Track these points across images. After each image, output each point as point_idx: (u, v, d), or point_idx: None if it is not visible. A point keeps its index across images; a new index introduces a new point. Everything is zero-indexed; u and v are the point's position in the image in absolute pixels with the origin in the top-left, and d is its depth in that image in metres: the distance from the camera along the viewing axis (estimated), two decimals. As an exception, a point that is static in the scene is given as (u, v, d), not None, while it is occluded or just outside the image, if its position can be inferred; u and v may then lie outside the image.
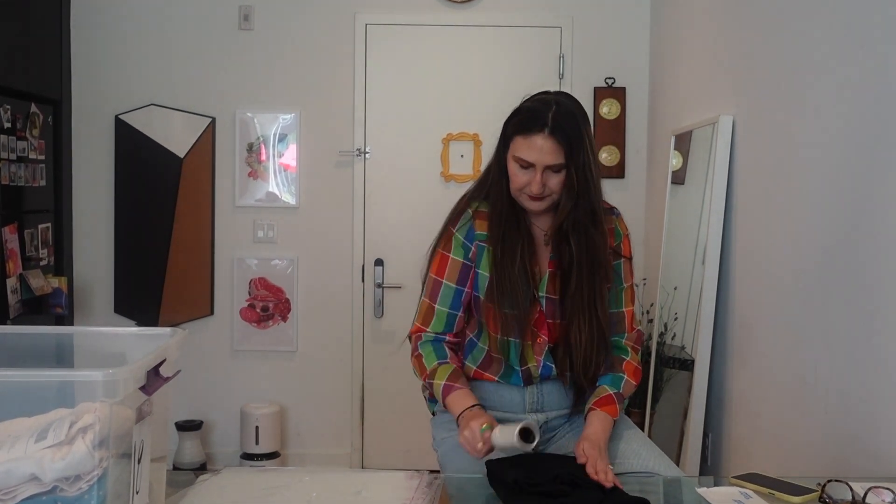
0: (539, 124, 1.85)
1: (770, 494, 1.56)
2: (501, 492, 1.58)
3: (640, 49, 4.39)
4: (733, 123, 3.07)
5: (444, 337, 2.01)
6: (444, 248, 2.00)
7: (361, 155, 4.38)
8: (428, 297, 2.01)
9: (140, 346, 1.35)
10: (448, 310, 1.99)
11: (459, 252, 1.98)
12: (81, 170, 4.36)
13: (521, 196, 1.92)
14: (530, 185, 1.88)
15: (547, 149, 1.85)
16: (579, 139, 1.86)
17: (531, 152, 1.86)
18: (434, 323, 2.00)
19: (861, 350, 2.11)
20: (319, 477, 1.66)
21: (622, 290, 2.02)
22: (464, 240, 1.98)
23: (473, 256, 1.98)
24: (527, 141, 1.87)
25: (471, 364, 2.05)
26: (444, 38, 4.38)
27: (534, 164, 1.87)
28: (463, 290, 1.99)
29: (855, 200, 2.16)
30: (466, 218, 1.99)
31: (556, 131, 1.84)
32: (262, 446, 4.25)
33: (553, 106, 1.88)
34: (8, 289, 3.61)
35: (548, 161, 1.86)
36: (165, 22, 4.35)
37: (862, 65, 2.14)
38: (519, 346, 1.96)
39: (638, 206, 4.38)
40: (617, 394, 1.95)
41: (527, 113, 1.90)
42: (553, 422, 2.04)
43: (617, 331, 2.02)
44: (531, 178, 1.87)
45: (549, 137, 1.84)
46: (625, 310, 2.03)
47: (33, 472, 1.09)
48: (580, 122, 1.89)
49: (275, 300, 4.42)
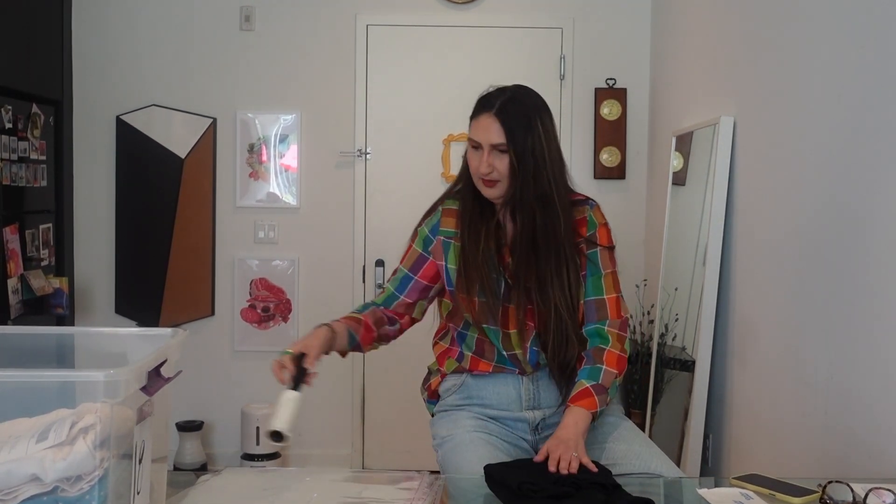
0: (487, 106, 1.97)
1: (771, 495, 1.56)
2: (502, 494, 1.58)
3: (641, 50, 4.39)
4: (734, 124, 3.07)
5: (380, 306, 2.12)
6: (411, 240, 2.16)
7: (362, 156, 4.39)
8: (388, 281, 2.17)
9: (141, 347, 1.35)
10: (393, 290, 2.12)
11: (420, 244, 2.12)
12: (82, 170, 4.36)
13: (479, 183, 2.01)
14: (479, 166, 1.97)
15: (492, 129, 1.95)
16: (525, 123, 1.95)
17: (477, 131, 1.98)
18: (379, 297, 2.15)
19: (862, 351, 2.11)
20: (320, 477, 1.66)
21: (601, 276, 2.05)
22: (428, 233, 2.11)
23: (434, 250, 2.08)
24: (476, 122, 1.99)
25: (467, 352, 2.09)
26: (446, 40, 4.39)
27: (481, 144, 1.96)
28: (413, 278, 2.10)
29: (855, 201, 2.16)
30: (436, 215, 2.11)
31: (501, 112, 1.95)
32: (263, 447, 4.24)
33: (507, 93, 2.00)
34: (9, 289, 3.61)
35: (491, 139, 1.95)
36: (166, 22, 4.36)
37: (862, 65, 2.14)
38: (498, 332, 2.02)
39: (639, 207, 4.38)
40: (595, 385, 1.92)
41: (481, 98, 2.02)
42: (550, 419, 2.03)
43: (598, 317, 2.02)
44: (480, 159, 1.97)
45: (492, 116, 1.95)
46: (606, 297, 2.03)
47: (34, 473, 1.09)
48: (530, 110, 1.98)
49: (275, 301, 4.42)
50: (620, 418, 2.06)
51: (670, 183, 3.74)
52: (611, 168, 4.38)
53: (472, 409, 2.06)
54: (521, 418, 2.04)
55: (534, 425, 2.04)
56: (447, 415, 2.08)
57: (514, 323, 2.01)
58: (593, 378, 1.93)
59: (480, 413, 2.05)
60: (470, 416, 2.04)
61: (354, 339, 2.03)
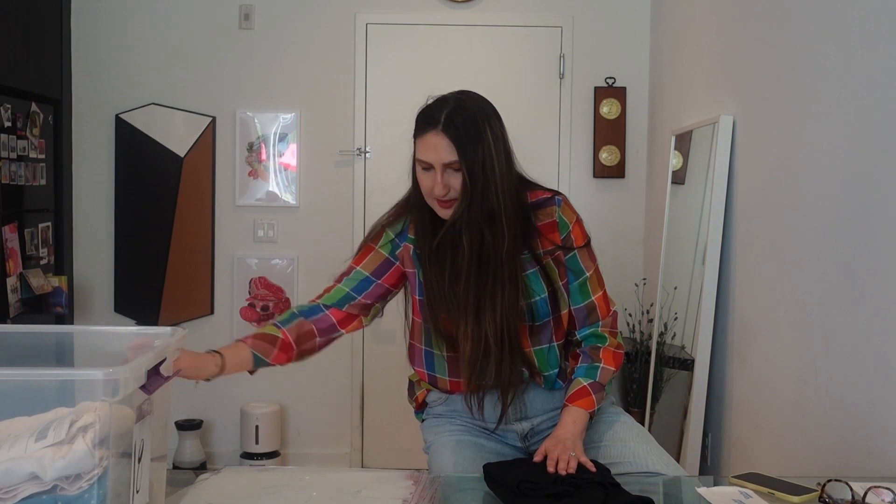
0: (432, 122, 1.83)
1: (770, 494, 1.56)
2: (502, 493, 1.58)
3: (641, 49, 4.39)
4: (734, 123, 3.07)
5: (323, 310, 1.99)
6: (372, 241, 2.00)
7: (362, 154, 4.38)
8: (335, 279, 2.02)
9: (140, 346, 1.35)
10: (349, 290, 1.98)
11: (387, 248, 1.97)
12: (82, 169, 4.36)
13: (434, 204, 1.88)
14: (434, 188, 1.84)
15: (441, 145, 1.81)
16: (474, 135, 1.81)
17: (427, 151, 1.84)
18: (326, 296, 2.00)
19: (861, 349, 2.11)
20: (319, 476, 1.66)
21: (584, 280, 1.95)
22: (394, 237, 1.97)
23: (402, 255, 1.97)
24: (423, 141, 1.86)
25: (442, 376, 2.01)
26: (445, 38, 4.38)
27: (433, 165, 1.84)
28: (374, 281, 1.98)
29: (856, 200, 2.16)
30: (403, 220, 1.98)
31: (447, 127, 1.80)
32: (262, 446, 4.25)
33: (450, 103, 1.84)
34: (8, 288, 3.61)
35: (443, 158, 1.81)
36: (166, 21, 4.35)
37: (863, 64, 2.14)
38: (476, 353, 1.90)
39: (638, 206, 4.38)
40: (593, 384, 1.89)
41: (422, 113, 1.89)
42: (540, 426, 2.01)
43: (590, 321, 1.97)
44: (434, 181, 1.84)
45: (440, 134, 1.81)
46: (594, 298, 1.97)
47: (34, 471, 1.09)
48: (478, 119, 1.83)
49: (275, 300, 4.42)
50: (619, 415, 2.05)
51: (670, 182, 3.74)
52: (610, 167, 4.38)
53: (461, 419, 2.03)
54: (509, 429, 2.01)
55: (523, 435, 2.01)
56: (436, 421, 2.07)
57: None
58: (590, 376, 1.91)
59: (469, 423, 2.03)
60: (458, 423, 2.02)
61: (261, 360, 1.91)
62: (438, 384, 2.04)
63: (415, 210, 1.95)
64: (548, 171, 4.28)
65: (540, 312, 1.93)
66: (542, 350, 1.96)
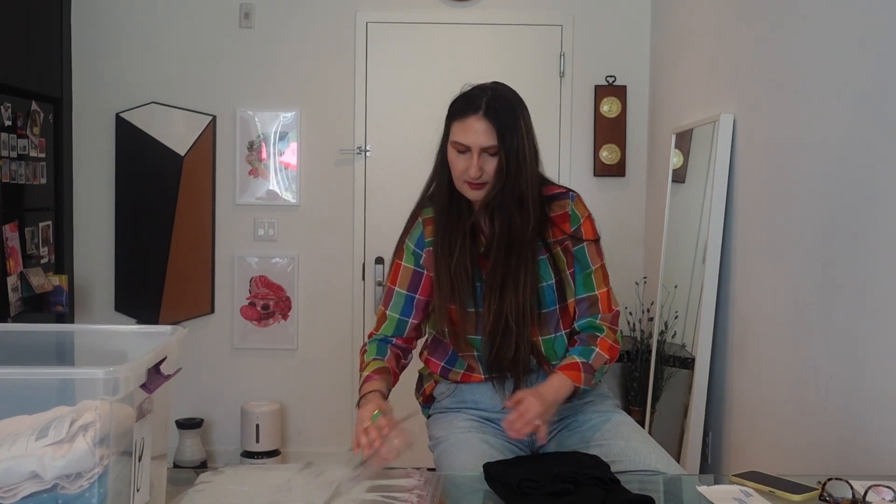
0: (473, 107, 1.91)
1: (770, 493, 1.56)
2: (503, 492, 1.58)
3: (641, 47, 4.39)
4: (734, 122, 3.07)
5: (392, 339, 2.05)
6: (398, 258, 2.07)
7: (362, 153, 4.38)
8: (383, 304, 2.07)
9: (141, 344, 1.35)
10: (399, 316, 2.04)
11: (410, 259, 2.04)
12: (82, 168, 4.36)
13: (463, 186, 1.95)
14: (468, 170, 1.91)
15: (481, 130, 1.89)
16: (513, 123, 1.91)
17: (466, 135, 1.90)
18: (384, 327, 2.05)
19: (861, 348, 2.11)
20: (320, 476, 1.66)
21: (590, 273, 2.01)
22: (414, 248, 2.04)
23: (425, 263, 2.02)
24: (462, 124, 1.92)
25: (458, 369, 2.07)
26: (445, 37, 4.38)
27: (470, 148, 1.90)
28: (415, 297, 2.03)
29: (855, 199, 2.16)
30: (417, 226, 2.06)
31: (489, 113, 1.89)
32: (263, 444, 4.25)
33: (488, 92, 1.94)
34: (8, 287, 3.62)
35: (482, 142, 1.89)
36: (166, 20, 4.35)
37: (862, 63, 2.14)
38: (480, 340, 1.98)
39: (638, 204, 4.38)
40: (584, 363, 1.94)
41: (462, 98, 1.96)
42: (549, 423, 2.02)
43: (591, 312, 2.01)
44: (469, 163, 1.91)
45: (482, 119, 1.89)
46: (597, 293, 2.02)
47: (34, 470, 1.09)
48: (515, 108, 1.93)
49: (275, 298, 4.42)
50: (619, 414, 2.06)
51: (670, 180, 3.74)
52: (610, 165, 4.38)
53: (467, 411, 2.05)
54: None
55: None
56: (442, 416, 2.08)
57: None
58: (585, 357, 1.96)
59: (475, 415, 2.04)
60: (465, 417, 2.03)
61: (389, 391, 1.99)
62: (450, 376, 2.07)
63: (437, 194, 2.02)
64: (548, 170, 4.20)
65: (547, 300, 1.99)
66: (549, 339, 2.01)
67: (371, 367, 1.98)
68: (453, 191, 1.98)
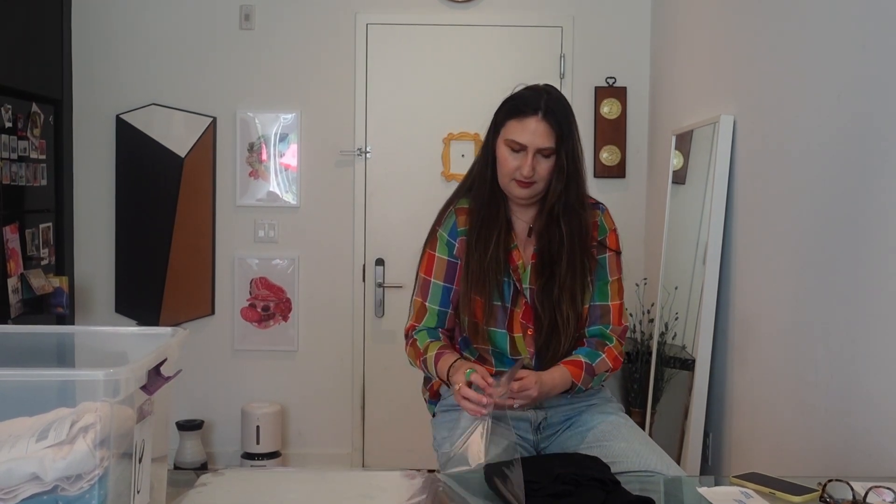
0: (532, 108, 1.93)
1: (771, 494, 1.56)
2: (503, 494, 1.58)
3: (641, 49, 4.39)
4: (734, 123, 3.07)
5: (437, 330, 2.06)
6: (430, 248, 2.07)
7: (362, 154, 4.39)
8: (420, 295, 2.07)
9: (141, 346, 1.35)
10: (438, 307, 2.04)
11: (444, 250, 2.05)
12: (82, 169, 4.36)
13: (510, 184, 1.97)
14: (521, 168, 1.93)
15: (540, 131, 1.92)
16: (569, 125, 1.95)
17: (524, 134, 1.93)
18: (427, 319, 2.05)
19: (862, 349, 2.11)
20: (320, 477, 1.66)
21: (608, 283, 2.06)
22: (448, 237, 2.05)
23: (459, 253, 2.03)
24: (520, 123, 1.93)
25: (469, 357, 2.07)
26: (445, 38, 4.38)
27: (525, 147, 1.93)
28: (451, 288, 2.04)
29: (855, 200, 2.16)
30: (450, 216, 2.06)
31: (548, 115, 1.93)
32: (263, 446, 4.25)
33: (545, 94, 1.97)
34: (9, 288, 3.62)
35: (539, 143, 1.92)
36: (166, 21, 4.36)
37: (862, 65, 2.14)
38: (506, 336, 2.00)
39: (639, 205, 4.38)
40: (588, 364, 1.98)
41: (520, 98, 1.98)
42: (552, 418, 2.03)
43: (602, 322, 2.05)
44: (522, 162, 1.93)
45: (542, 120, 1.92)
46: (610, 303, 2.06)
47: (34, 472, 1.09)
48: (570, 112, 1.98)
49: (275, 300, 4.42)
50: (620, 416, 2.07)
51: (670, 181, 3.74)
52: (611, 167, 4.38)
53: None
54: (523, 417, 2.03)
55: (535, 424, 2.04)
56: (448, 415, 2.08)
57: (519, 327, 2.01)
58: (590, 359, 1.99)
59: None
60: (469, 417, 2.04)
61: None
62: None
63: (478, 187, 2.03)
64: (548, 171, 4.27)
65: None
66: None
67: (434, 348, 1.99)
68: (495, 186, 2.01)
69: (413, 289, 2.12)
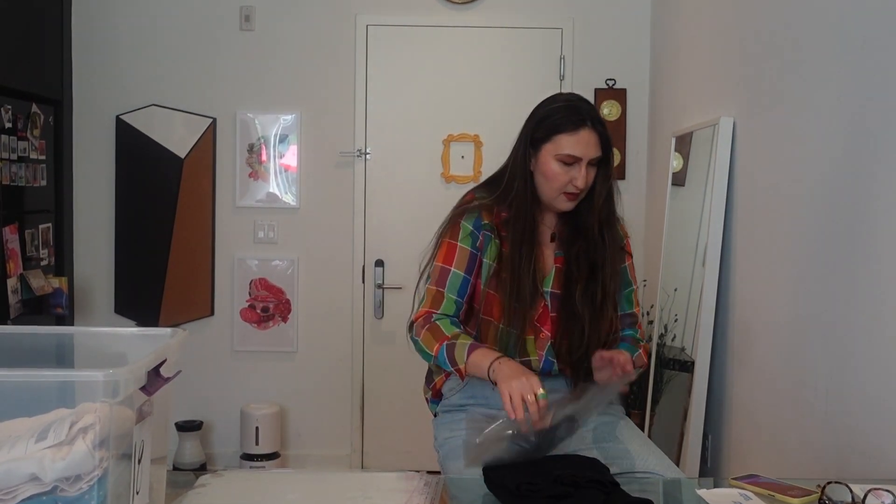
0: (581, 119, 1.93)
1: (770, 496, 1.56)
2: (501, 495, 1.58)
3: (641, 51, 4.40)
4: (734, 125, 3.07)
5: (455, 321, 1.99)
6: (451, 237, 2.00)
7: (362, 156, 4.39)
8: (435, 284, 2.00)
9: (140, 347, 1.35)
10: (456, 297, 1.98)
11: (467, 241, 1.99)
12: (82, 170, 4.36)
13: (559, 198, 1.97)
14: (575, 181, 1.93)
15: (593, 142, 1.93)
16: (608, 130, 1.98)
17: (578, 146, 1.93)
18: (444, 306, 1.98)
19: (861, 351, 2.11)
20: (320, 478, 1.66)
21: (631, 292, 2.11)
22: (472, 228, 1.99)
23: (480, 245, 2.00)
24: (574, 137, 1.93)
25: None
26: (445, 40, 4.39)
27: (580, 159, 1.93)
28: (469, 280, 1.99)
29: (855, 202, 2.16)
30: (473, 208, 2.02)
31: (596, 124, 1.95)
32: (262, 447, 4.25)
33: (582, 102, 1.99)
34: (8, 289, 3.61)
35: (593, 154, 1.94)
36: (166, 22, 4.36)
37: (862, 66, 2.14)
38: (517, 338, 1.98)
39: (638, 207, 4.38)
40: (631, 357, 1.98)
41: (564, 111, 1.96)
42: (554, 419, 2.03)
43: (631, 329, 2.11)
44: (576, 174, 1.93)
45: (591, 130, 1.94)
46: (635, 310, 2.12)
47: (34, 472, 1.09)
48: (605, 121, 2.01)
49: (275, 301, 4.42)
50: (620, 417, 2.07)
51: (670, 183, 3.74)
52: (610, 168, 4.37)
53: (476, 408, 2.04)
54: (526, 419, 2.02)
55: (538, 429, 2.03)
56: (450, 415, 2.07)
57: (532, 329, 2.00)
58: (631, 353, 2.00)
59: (484, 413, 2.03)
60: (473, 417, 2.03)
61: None
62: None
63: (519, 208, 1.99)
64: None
65: None
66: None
67: (467, 338, 1.92)
68: (535, 202, 2.00)
69: (422, 279, 2.06)
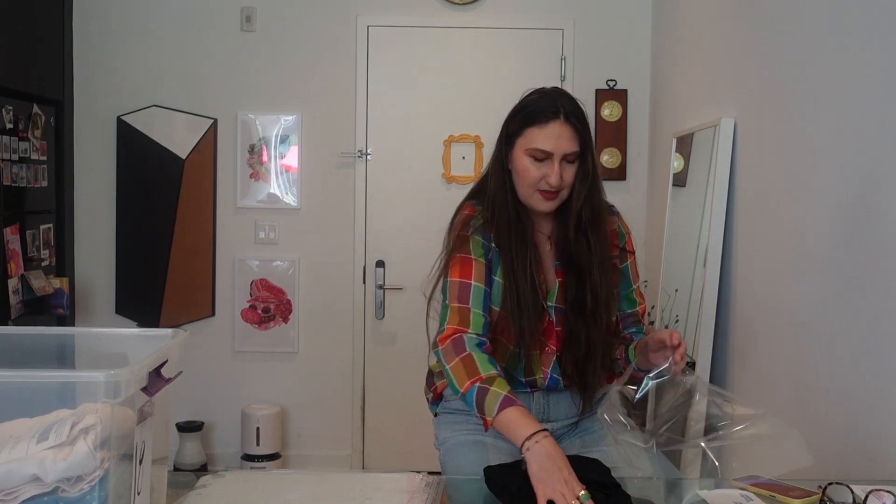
0: (552, 112, 1.82)
1: (771, 497, 1.56)
2: (502, 496, 1.58)
3: (642, 51, 4.40)
4: (735, 126, 3.07)
5: (484, 339, 1.83)
6: (463, 251, 1.88)
7: (363, 156, 4.39)
8: (458, 300, 1.85)
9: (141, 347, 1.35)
10: (481, 312, 1.84)
11: (479, 252, 1.88)
12: (83, 171, 4.37)
13: (534, 196, 1.85)
14: (548, 178, 1.81)
15: (565, 135, 1.81)
16: (587, 129, 1.85)
17: (549, 140, 1.81)
18: (473, 324, 1.83)
19: (862, 353, 2.11)
20: (320, 479, 1.66)
21: (633, 290, 2.04)
22: (483, 240, 1.89)
23: (490, 259, 1.91)
24: (543, 130, 1.82)
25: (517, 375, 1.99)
26: (446, 40, 4.39)
27: (551, 155, 1.81)
28: (488, 292, 1.88)
29: (856, 202, 2.16)
30: (477, 219, 1.92)
31: (570, 117, 1.82)
32: (263, 447, 4.25)
33: (560, 96, 1.86)
34: (9, 289, 3.62)
35: (566, 148, 1.81)
36: (167, 23, 4.36)
37: (863, 67, 2.14)
38: (524, 356, 1.92)
39: (639, 208, 4.38)
40: None
41: (536, 103, 1.85)
42: (558, 430, 2.01)
43: (635, 327, 2.05)
44: (547, 171, 1.82)
45: (565, 124, 1.81)
46: (638, 308, 2.06)
47: (35, 473, 1.09)
48: (584, 111, 1.87)
49: (276, 301, 4.42)
50: (620, 419, 2.06)
51: (671, 184, 3.74)
52: (611, 169, 4.38)
53: None
54: None
55: None
56: (451, 416, 2.05)
57: (538, 344, 1.93)
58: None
59: None
60: (472, 419, 1.98)
61: None
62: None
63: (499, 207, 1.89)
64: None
65: None
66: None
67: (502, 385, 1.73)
68: (517, 202, 1.88)
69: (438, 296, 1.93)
